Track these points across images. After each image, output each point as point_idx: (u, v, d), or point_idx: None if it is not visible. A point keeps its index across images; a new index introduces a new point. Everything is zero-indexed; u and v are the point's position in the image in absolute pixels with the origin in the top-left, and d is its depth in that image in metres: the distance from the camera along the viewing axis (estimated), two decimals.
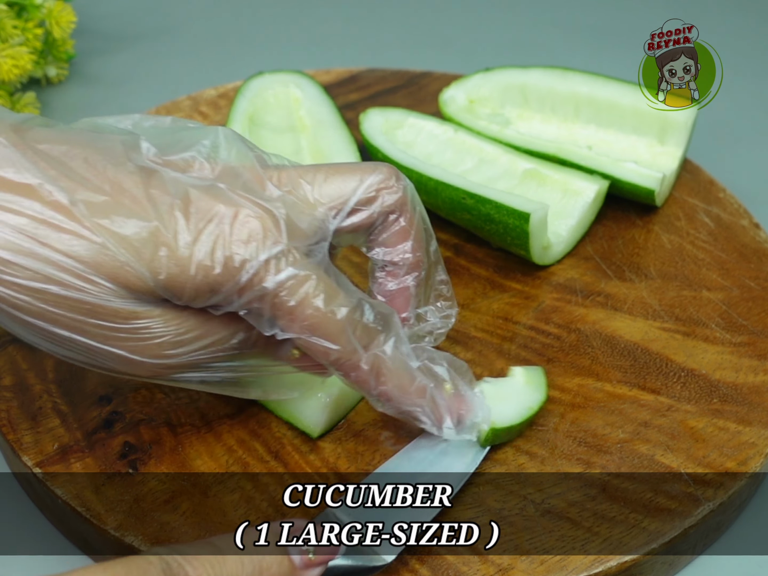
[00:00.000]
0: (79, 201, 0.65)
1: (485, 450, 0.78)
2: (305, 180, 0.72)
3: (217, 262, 0.67)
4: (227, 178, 0.70)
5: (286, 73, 1.07)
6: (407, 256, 0.76)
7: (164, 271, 0.66)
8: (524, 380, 0.82)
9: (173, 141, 0.71)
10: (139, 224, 0.66)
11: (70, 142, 0.68)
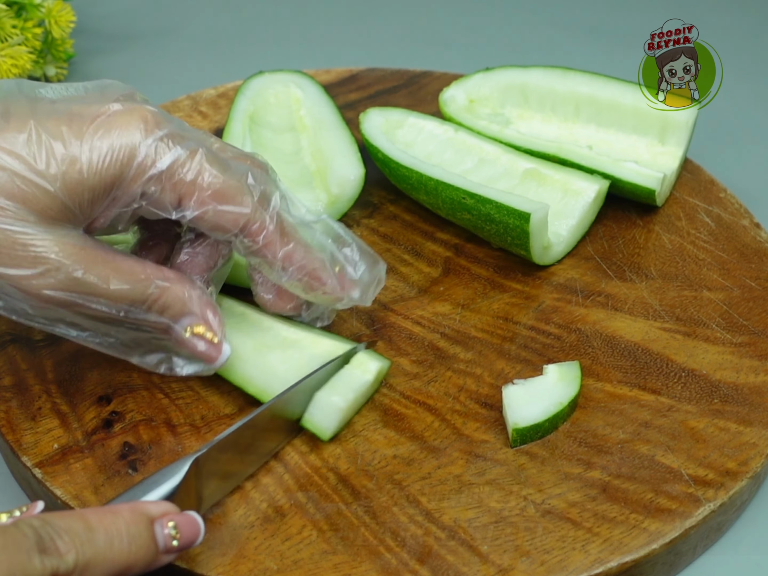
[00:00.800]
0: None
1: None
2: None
3: (106, 155, 0.72)
4: (114, 93, 0.76)
5: (287, 73, 1.07)
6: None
7: (59, 177, 0.71)
8: (557, 377, 0.82)
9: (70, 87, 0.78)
10: (27, 140, 0.71)
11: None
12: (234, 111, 1.03)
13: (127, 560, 0.64)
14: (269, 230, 0.76)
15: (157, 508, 0.67)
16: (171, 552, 0.67)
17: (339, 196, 0.97)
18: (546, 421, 0.80)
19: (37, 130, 0.72)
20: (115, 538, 0.63)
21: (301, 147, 1.02)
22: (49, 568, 0.60)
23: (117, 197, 0.74)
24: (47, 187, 0.71)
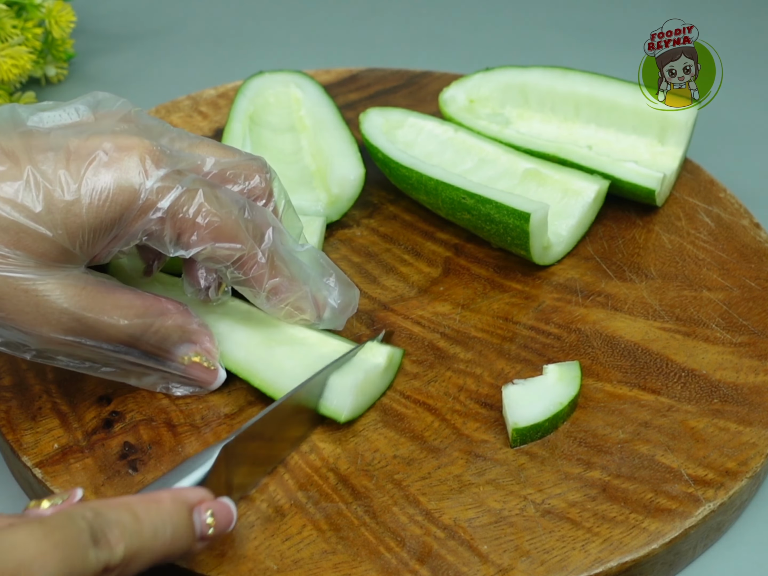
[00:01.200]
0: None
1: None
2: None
3: (106, 198, 0.72)
4: (107, 118, 0.76)
5: (287, 73, 1.07)
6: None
7: (59, 222, 0.71)
8: (557, 377, 0.82)
9: (52, 106, 0.77)
10: (25, 187, 0.71)
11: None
12: (234, 111, 1.03)
13: (169, 549, 0.64)
14: (260, 264, 0.78)
15: (195, 495, 0.67)
16: (206, 539, 0.67)
17: (339, 196, 0.97)
18: (546, 421, 0.80)
19: (35, 176, 0.71)
20: (159, 528, 0.63)
21: (301, 147, 1.02)
22: (103, 562, 0.60)
23: (118, 236, 0.74)
24: (47, 233, 0.71)
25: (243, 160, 0.81)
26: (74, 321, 0.73)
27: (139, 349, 0.78)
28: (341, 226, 0.99)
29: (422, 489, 0.77)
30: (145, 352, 0.78)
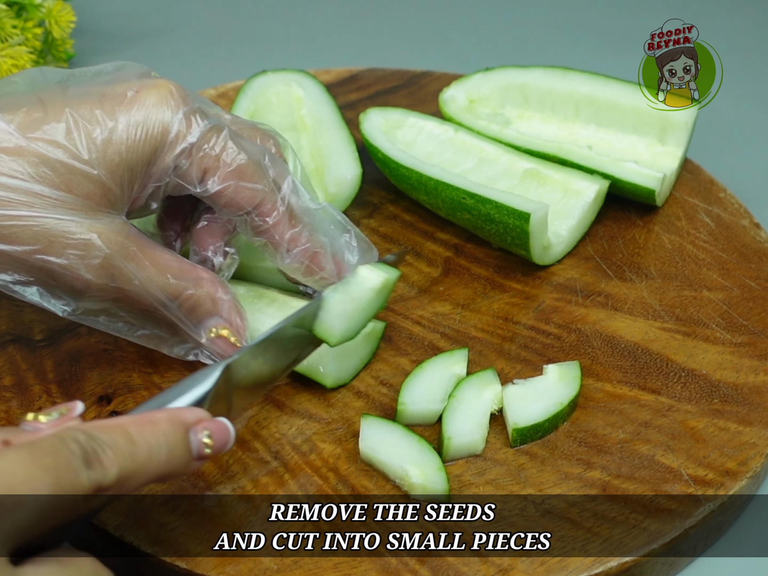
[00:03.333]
0: (14, 122, 0.73)
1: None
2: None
3: (141, 133, 0.75)
4: (130, 72, 0.81)
5: (290, 72, 1.07)
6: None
7: (100, 160, 0.74)
8: (557, 377, 0.82)
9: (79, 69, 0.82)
10: (66, 130, 0.74)
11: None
12: (235, 109, 1.03)
13: (164, 471, 0.64)
14: (280, 211, 0.80)
15: (192, 415, 0.67)
16: (203, 459, 0.67)
17: (336, 196, 0.97)
18: (546, 421, 0.80)
19: (74, 118, 0.74)
20: (155, 450, 0.63)
21: (301, 146, 1.02)
22: (95, 482, 0.60)
23: (153, 173, 0.77)
24: (91, 171, 0.74)
25: (254, 124, 0.84)
26: (115, 268, 0.76)
27: (172, 314, 0.79)
28: None
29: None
30: (177, 317, 0.79)
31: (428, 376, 0.82)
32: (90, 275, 0.75)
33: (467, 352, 0.85)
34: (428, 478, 0.75)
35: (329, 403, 0.83)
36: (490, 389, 0.82)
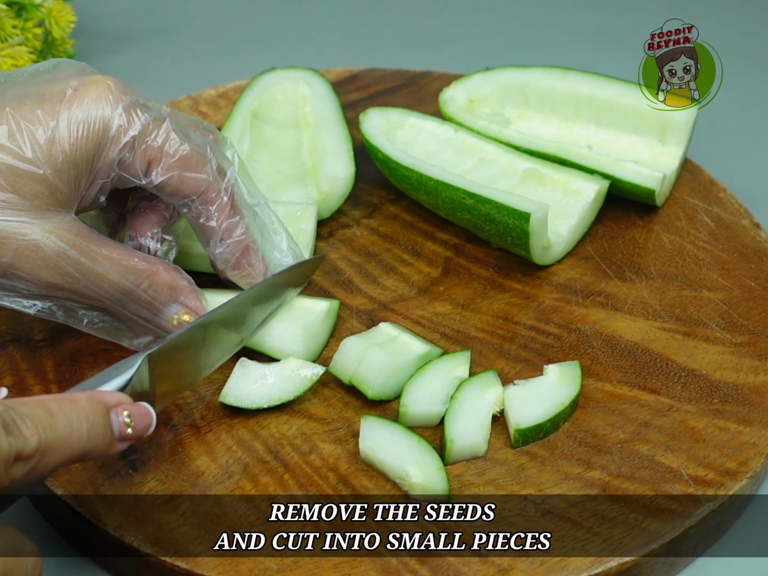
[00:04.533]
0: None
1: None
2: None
3: (83, 129, 0.76)
4: (68, 70, 0.80)
5: (298, 70, 1.07)
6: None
7: (45, 159, 0.75)
8: (557, 377, 0.82)
9: (15, 70, 0.82)
10: (8, 131, 0.74)
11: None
12: (238, 106, 1.04)
13: (85, 446, 0.65)
14: (223, 200, 0.81)
15: (113, 398, 0.69)
16: (125, 440, 0.68)
17: (329, 194, 0.97)
18: (548, 422, 0.80)
19: (15, 119, 0.75)
20: (75, 424, 0.65)
21: (301, 143, 1.02)
22: (14, 448, 0.61)
23: (98, 169, 0.77)
24: (36, 171, 0.75)
25: (194, 119, 0.85)
26: (70, 266, 0.76)
27: (130, 308, 0.80)
28: (341, 226, 0.99)
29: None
30: (137, 311, 0.80)
31: (430, 378, 0.82)
32: (44, 274, 0.76)
33: (470, 354, 0.85)
34: (428, 478, 0.75)
35: (329, 403, 0.83)
36: (492, 391, 0.82)
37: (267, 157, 1.01)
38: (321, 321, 0.86)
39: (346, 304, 0.91)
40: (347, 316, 0.90)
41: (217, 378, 0.84)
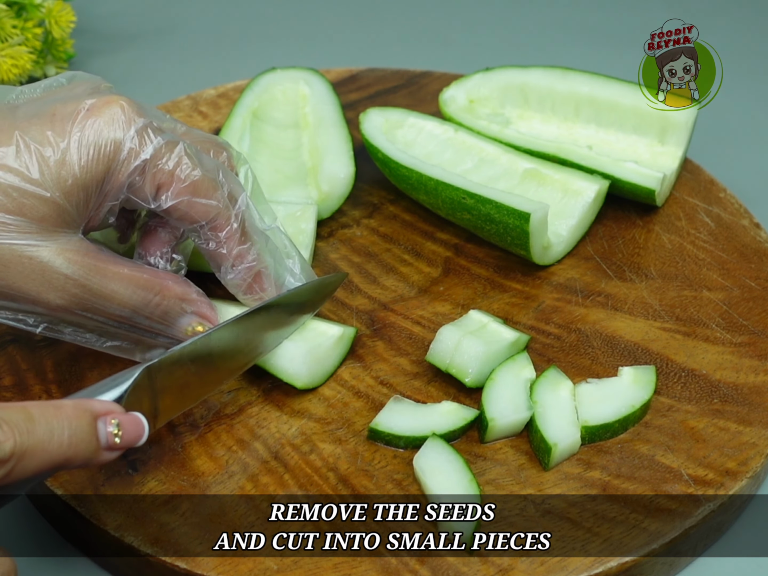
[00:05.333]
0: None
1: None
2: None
3: (94, 152, 0.74)
4: (81, 86, 0.78)
5: (299, 70, 1.07)
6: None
7: (54, 182, 0.73)
8: (632, 379, 0.82)
9: (28, 85, 0.81)
10: (16, 152, 0.73)
11: None
12: (238, 106, 1.03)
13: (67, 452, 0.64)
14: (233, 227, 0.80)
15: (102, 406, 0.68)
16: (113, 449, 0.68)
17: (329, 194, 0.97)
18: (616, 422, 0.80)
19: (24, 140, 0.73)
20: (56, 430, 0.64)
21: (302, 144, 1.02)
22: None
23: (107, 192, 0.76)
24: (44, 194, 0.73)
25: (207, 137, 0.83)
26: (78, 287, 0.75)
27: (143, 323, 0.79)
28: (341, 226, 0.99)
29: (422, 488, 0.77)
30: (149, 326, 0.79)
31: (504, 386, 0.81)
32: (51, 297, 0.75)
33: (527, 355, 0.84)
34: (457, 520, 0.74)
35: (329, 403, 0.83)
36: (564, 387, 0.82)
37: (267, 157, 1.01)
38: (330, 346, 0.84)
39: (346, 304, 0.91)
40: (347, 316, 0.90)
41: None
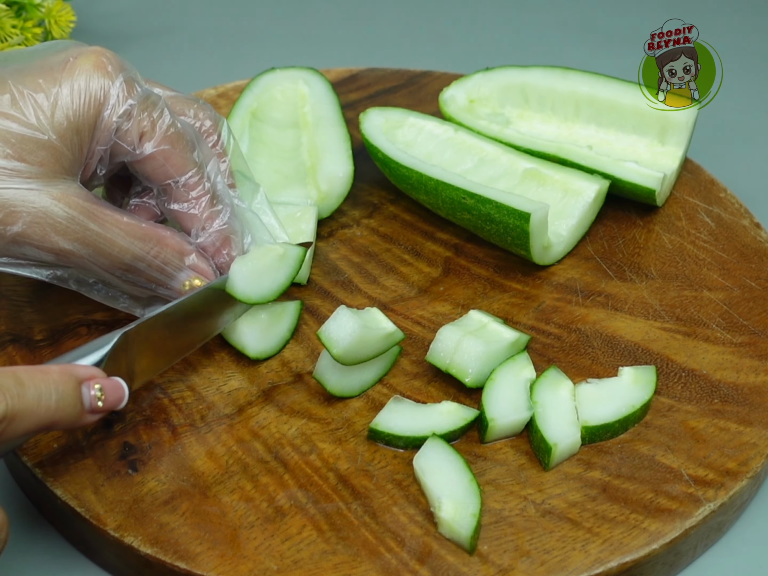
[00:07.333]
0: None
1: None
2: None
3: (85, 96, 0.77)
4: (67, 42, 0.81)
5: (298, 70, 1.07)
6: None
7: (49, 125, 0.76)
8: (632, 380, 0.82)
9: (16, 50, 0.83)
10: (11, 100, 0.75)
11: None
12: (237, 107, 1.04)
13: (54, 416, 0.68)
14: (205, 186, 0.82)
15: (86, 371, 0.71)
16: (96, 412, 0.71)
17: (328, 193, 0.97)
18: (616, 422, 0.79)
19: (17, 88, 0.76)
20: (44, 394, 0.67)
21: (301, 143, 1.02)
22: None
23: (97, 136, 0.79)
24: (42, 137, 0.76)
25: (188, 97, 0.86)
26: (82, 230, 0.78)
27: (143, 274, 0.81)
28: (341, 226, 0.99)
29: (422, 489, 0.77)
30: (148, 276, 0.82)
31: (504, 386, 0.81)
32: (54, 240, 0.77)
33: (527, 355, 0.84)
34: (458, 520, 0.73)
35: (329, 403, 0.83)
36: (564, 387, 0.81)
37: (266, 157, 1.01)
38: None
39: (346, 304, 0.91)
40: None
41: (217, 378, 0.84)
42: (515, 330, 0.85)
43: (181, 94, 0.86)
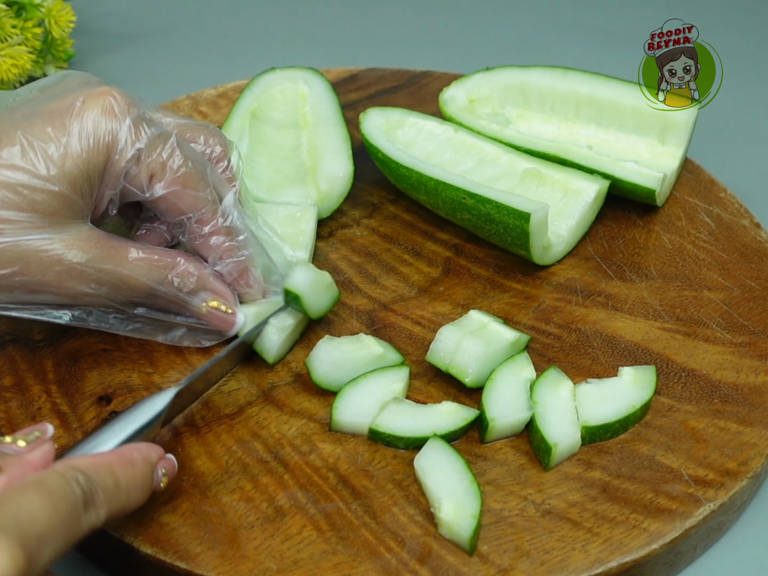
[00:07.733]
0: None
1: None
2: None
3: (93, 143, 0.77)
4: (72, 81, 0.81)
5: (298, 69, 1.07)
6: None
7: (60, 175, 0.76)
8: (632, 380, 0.82)
9: (22, 87, 0.82)
10: (21, 152, 0.75)
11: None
12: (237, 107, 1.04)
13: (134, 507, 0.69)
14: (218, 222, 0.83)
15: (156, 454, 0.71)
16: (155, 492, 0.72)
17: (328, 193, 0.97)
18: (616, 422, 0.79)
19: (27, 139, 0.76)
20: (132, 491, 0.68)
21: (301, 143, 1.02)
22: (90, 525, 0.64)
23: (107, 181, 0.79)
24: (53, 188, 0.76)
25: (198, 124, 0.86)
26: (96, 272, 0.78)
27: (160, 303, 0.82)
28: (341, 226, 0.99)
29: (422, 489, 0.77)
30: (167, 305, 0.82)
31: (504, 386, 0.81)
32: (71, 285, 0.78)
33: (527, 355, 0.84)
34: (457, 521, 0.73)
35: (329, 403, 0.83)
36: (564, 387, 0.81)
37: (266, 157, 1.01)
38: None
39: (346, 304, 0.91)
40: (347, 316, 0.90)
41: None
42: (515, 330, 0.85)
43: (191, 121, 0.85)
